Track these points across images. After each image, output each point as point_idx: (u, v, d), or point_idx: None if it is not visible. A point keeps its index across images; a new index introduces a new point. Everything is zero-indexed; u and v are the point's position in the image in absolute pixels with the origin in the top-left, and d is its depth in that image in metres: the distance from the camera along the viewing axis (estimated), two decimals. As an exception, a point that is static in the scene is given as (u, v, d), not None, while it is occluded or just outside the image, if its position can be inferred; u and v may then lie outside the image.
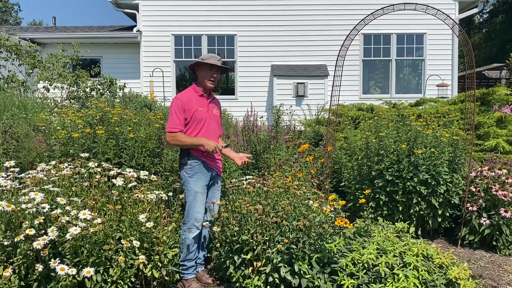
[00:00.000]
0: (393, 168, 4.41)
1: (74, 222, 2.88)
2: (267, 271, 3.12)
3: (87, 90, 8.59)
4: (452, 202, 4.43)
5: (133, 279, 3.07)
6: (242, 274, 3.21)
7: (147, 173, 3.79)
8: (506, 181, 4.37)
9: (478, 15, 29.17)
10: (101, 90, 8.74)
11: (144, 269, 3.14)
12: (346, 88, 7.58)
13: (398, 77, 11.64)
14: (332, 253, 3.20)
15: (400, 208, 4.39)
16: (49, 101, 8.12)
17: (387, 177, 4.39)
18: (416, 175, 4.30)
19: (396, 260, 3.07)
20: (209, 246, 3.66)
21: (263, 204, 3.31)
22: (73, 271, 2.70)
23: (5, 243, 2.80)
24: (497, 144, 6.10)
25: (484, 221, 4.21)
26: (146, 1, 11.19)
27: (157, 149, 4.50)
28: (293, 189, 3.48)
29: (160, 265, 3.22)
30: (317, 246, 3.20)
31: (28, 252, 2.81)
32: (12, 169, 3.43)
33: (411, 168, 4.33)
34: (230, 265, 3.26)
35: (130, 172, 3.64)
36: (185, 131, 3.39)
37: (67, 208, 3.00)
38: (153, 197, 3.44)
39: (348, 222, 3.28)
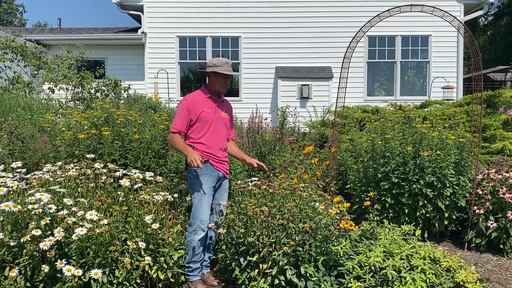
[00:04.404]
0: (399, 171, 4.39)
1: (80, 223, 2.88)
2: (273, 273, 3.10)
3: (92, 91, 8.62)
4: (459, 204, 4.40)
5: (138, 281, 3.07)
6: (248, 276, 3.20)
7: (152, 174, 3.79)
8: (513, 184, 4.34)
9: (483, 18, 29.10)
10: (105, 92, 8.76)
11: (149, 271, 3.13)
12: (350, 90, 7.56)
13: (403, 79, 11.60)
14: (338, 256, 3.19)
15: (406, 211, 4.36)
16: (54, 102, 8.14)
17: (393, 180, 4.37)
18: (422, 178, 4.27)
19: (403, 263, 3.05)
20: (215, 248, 3.65)
21: (269, 206, 3.30)
22: (79, 272, 2.69)
23: (12, 243, 2.79)
24: (504, 146, 6.06)
25: (491, 224, 4.18)
26: (151, 3, 11.22)
27: (162, 150, 4.50)
28: (299, 191, 3.47)
29: (166, 266, 3.21)
30: (323, 249, 3.19)
31: (34, 253, 2.80)
32: (18, 170, 3.43)
33: (417, 170, 4.31)
34: (236, 267, 3.24)
35: (135, 173, 3.64)
36: (191, 132, 3.42)
37: (73, 209, 3.00)
38: (159, 199, 3.43)
39: (354, 224, 3.26)
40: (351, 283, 2.94)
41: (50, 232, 2.85)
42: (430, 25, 10.80)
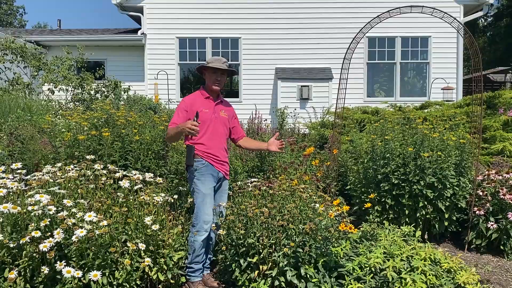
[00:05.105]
0: (399, 172, 4.38)
1: (80, 224, 2.88)
2: (273, 274, 3.10)
3: (92, 92, 8.61)
4: (459, 206, 4.39)
5: (138, 282, 3.06)
6: (248, 277, 3.19)
7: (152, 175, 3.79)
8: (514, 185, 4.34)
9: (482, 19, 29.13)
10: (105, 93, 8.75)
11: (149, 272, 3.12)
12: (350, 91, 7.56)
13: (403, 80, 11.61)
14: (338, 257, 3.18)
15: (407, 212, 4.36)
16: (53, 103, 8.13)
17: (393, 181, 4.36)
18: (423, 179, 4.26)
19: (404, 264, 3.04)
20: (215, 249, 3.64)
21: (269, 207, 3.29)
22: (79, 273, 2.68)
23: (11, 245, 2.78)
24: (504, 147, 6.05)
25: (492, 225, 4.18)
26: (150, 4, 11.23)
27: (162, 151, 4.50)
28: (299, 192, 3.46)
29: (166, 268, 3.21)
30: (324, 250, 3.18)
31: (34, 254, 2.79)
32: (18, 171, 3.43)
33: (418, 171, 4.30)
34: (236, 269, 3.24)
35: (135, 174, 3.64)
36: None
37: (73, 210, 2.99)
38: (159, 200, 3.43)
39: (353, 227, 3.25)
40: (351, 284, 2.94)
41: (49, 233, 2.84)
42: (430, 26, 10.81)
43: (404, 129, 4.81)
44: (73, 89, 8.57)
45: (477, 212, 4.24)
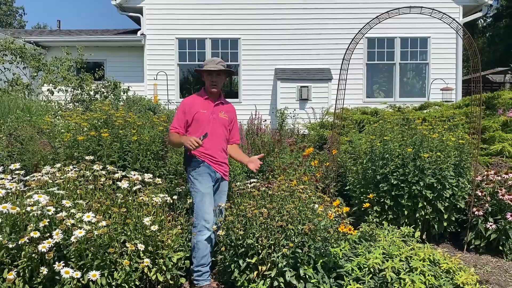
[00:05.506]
0: (398, 172, 4.39)
1: (79, 225, 2.88)
2: (272, 275, 3.10)
3: (91, 93, 8.61)
4: (458, 206, 4.40)
5: (137, 283, 3.05)
6: (247, 278, 3.19)
7: (151, 176, 3.78)
8: (513, 185, 4.34)
9: (481, 19, 29.14)
10: (105, 93, 8.75)
11: (148, 273, 3.12)
12: (350, 91, 7.57)
13: (402, 80, 11.62)
14: (337, 258, 3.18)
15: (406, 212, 4.36)
16: (53, 104, 8.13)
17: (392, 181, 4.36)
18: (422, 179, 4.27)
19: (403, 264, 3.04)
20: (214, 250, 3.64)
21: (268, 208, 3.29)
22: (78, 274, 2.68)
23: (10, 245, 2.78)
24: (503, 148, 6.05)
25: (491, 225, 4.18)
26: (150, 5, 11.23)
27: (161, 152, 4.50)
28: (298, 193, 3.47)
29: (165, 268, 3.21)
30: (323, 250, 3.18)
31: (33, 255, 2.79)
32: (17, 172, 3.42)
33: (417, 172, 4.30)
34: (235, 269, 3.24)
35: (134, 175, 3.64)
36: (189, 133, 3.45)
37: (72, 211, 2.99)
38: (158, 200, 3.43)
39: (352, 229, 3.25)
40: (350, 284, 2.93)
41: (48, 234, 2.83)
42: (429, 26, 10.81)
43: (403, 129, 4.81)
44: (72, 89, 8.56)
45: (476, 213, 4.25)
